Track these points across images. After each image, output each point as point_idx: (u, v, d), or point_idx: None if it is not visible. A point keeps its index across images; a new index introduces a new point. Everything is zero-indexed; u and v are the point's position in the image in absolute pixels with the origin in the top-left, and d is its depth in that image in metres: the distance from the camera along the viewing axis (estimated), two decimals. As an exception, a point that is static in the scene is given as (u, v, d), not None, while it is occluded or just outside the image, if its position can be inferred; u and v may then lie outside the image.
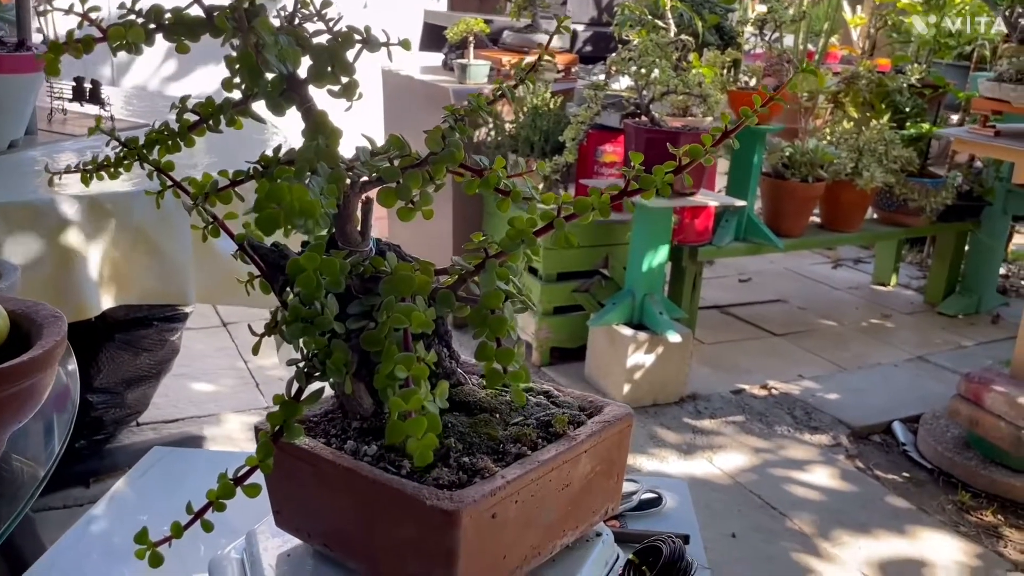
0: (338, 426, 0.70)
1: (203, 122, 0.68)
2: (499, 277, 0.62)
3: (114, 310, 1.53)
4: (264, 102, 0.63)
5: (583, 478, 0.69)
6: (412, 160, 0.67)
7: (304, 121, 0.63)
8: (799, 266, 4.04)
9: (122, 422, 2.07)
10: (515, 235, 0.61)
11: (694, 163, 0.63)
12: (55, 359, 0.79)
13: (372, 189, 0.68)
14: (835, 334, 3.24)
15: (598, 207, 0.63)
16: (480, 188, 0.66)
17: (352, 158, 0.68)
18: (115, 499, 1.02)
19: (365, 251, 0.69)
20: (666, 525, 0.93)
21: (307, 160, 0.60)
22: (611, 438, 0.70)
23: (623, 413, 0.72)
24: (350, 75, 0.62)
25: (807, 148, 2.98)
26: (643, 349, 2.45)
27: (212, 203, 0.68)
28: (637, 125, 2.40)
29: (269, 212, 0.39)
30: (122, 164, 0.74)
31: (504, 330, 0.57)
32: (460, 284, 0.63)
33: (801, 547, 1.95)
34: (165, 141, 0.71)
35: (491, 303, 0.59)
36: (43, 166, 1.38)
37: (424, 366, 0.52)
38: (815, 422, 2.52)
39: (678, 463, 2.26)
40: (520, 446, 0.66)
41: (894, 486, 2.24)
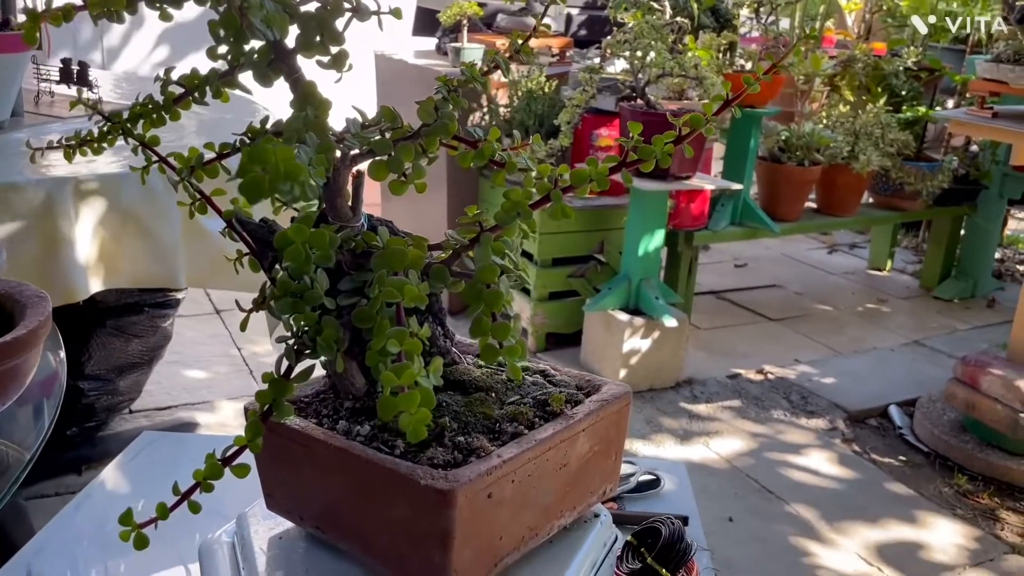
0: (330, 406, 0.69)
1: (188, 94, 0.66)
2: (494, 251, 0.60)
3: (105, 295, 1.51)
4: (251, 72, 0.61)
5: (581, 458, 0.67)
6: (404, 132, 0.65)
7: (292, 92, 0.61)
8: (795, 251, 4.03)
9: (114, 409, 2.05)
10: (510, 207, 0.59)
11: (694, 133, 0.62)
12: (39, 339, 0.77)
13: (363, 162, 0.66)
14: (831, 319, 3.23)
15: (595, 178, 0.61)
16: (474, 160, 0.64)
17: (342, 130, 0.66)
18: (105, 483, 1.00)
19: (356, 226, 0.67)
20: (665, 507, 0.92)
21: (295, 130, 0.58)
22: (609, 417, 0.69)
23: (621, 392, 0.70)
24: (340, 44, 0.60)
25: (803, 132, 2.96)
26: (639, 334, 2.43)
27: (199, 178, 0.66)
28: (633, 108, 2.38)
29: (253, 176, 0.37)
30: (106, 139, 0.72)
31: (500, 304, 0.56)
32: (454, 259, 0.61)
33: (798, 531, 1.94)
34: (150, 115, 0.69)
35: (486, 277, 0.57)
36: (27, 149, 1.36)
37: (417, 340, 0.51)
38: (811, 406, 2.52)
39: (675, 448, 2.25)
40: (516, 425, 0.64)
41: (891, 470, 2.24)
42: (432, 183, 2.89)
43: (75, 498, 0.98)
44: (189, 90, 0.66)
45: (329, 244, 0.55)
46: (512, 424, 0.64)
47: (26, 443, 0.92)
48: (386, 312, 0.53)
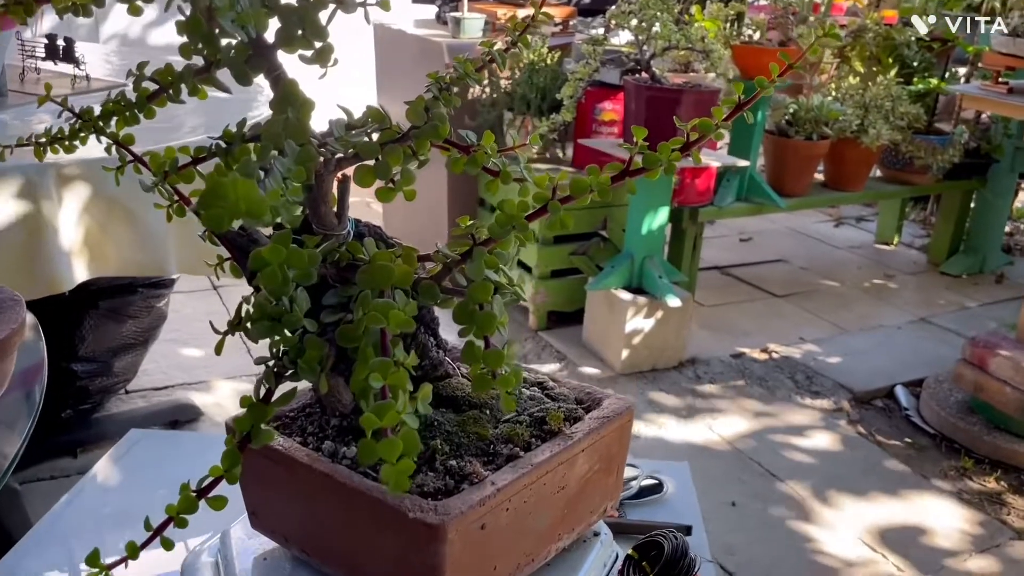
0: (316, 423, 0.65)
1: (163, 91, 0.62)
2: (488, 266, 0.56)
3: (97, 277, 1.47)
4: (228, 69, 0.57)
5: (580, 478, 0.64)
6: (392, 134, 0.61)
7: (272, 90, 0.57)
8: (801, 225, 3.98)
9: (109, 391, 2.02)
10: (505, 220, 0.55)
11: (705, 139, 0.57)
12: (12, 348, 0.73)
13: (349, 166, 0.62)
14: (837, 295, 3.19)
15: (596, 188, 0.57)
16: (467, 167, 0.60)
17: (325, 132, 0.62)
18: (92, 482, 0.97)
19: (342, 235, 0.63)
20: (667, 514, 0.89)
21: (273, 137, 0.53)
22: (611, 434, 0.65)
23: (623, 407, 0.66)
24: (323, 39, 0.56)
25: (811, 105, 2.89)
26: (642, 314, 2.40)
27: (174, 182, 0.62)
28: (637, 82, 2.32)
29: (214, 211, 0.33)
30: (77, 137, 0.67)
31: (493, 327, 0.52)
32: (445, 274, 0.57)
33: (801, 515, 1.92)
34: (123, 112, 0.65)
35: (479, 296, 0.53)
36: (11, 131, 1.31)
37: (403, 372, 0.47)
38: (816, 386, 2.48)
39: (677, 429, 2.22)
40: (512, 447, 0.61)
41: (896, 452, 2.21)
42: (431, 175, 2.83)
43: (61, 499, 0.95)
44: (164, 87, 0.62)
45: (309, 263, 0.51)
46: (507, 446, 0.61)
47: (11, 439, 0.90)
48: (370, 337, 0.49)
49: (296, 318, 0.51)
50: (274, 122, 0.55)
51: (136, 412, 2.10)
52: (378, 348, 0.49)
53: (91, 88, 1.61)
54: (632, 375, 2.46)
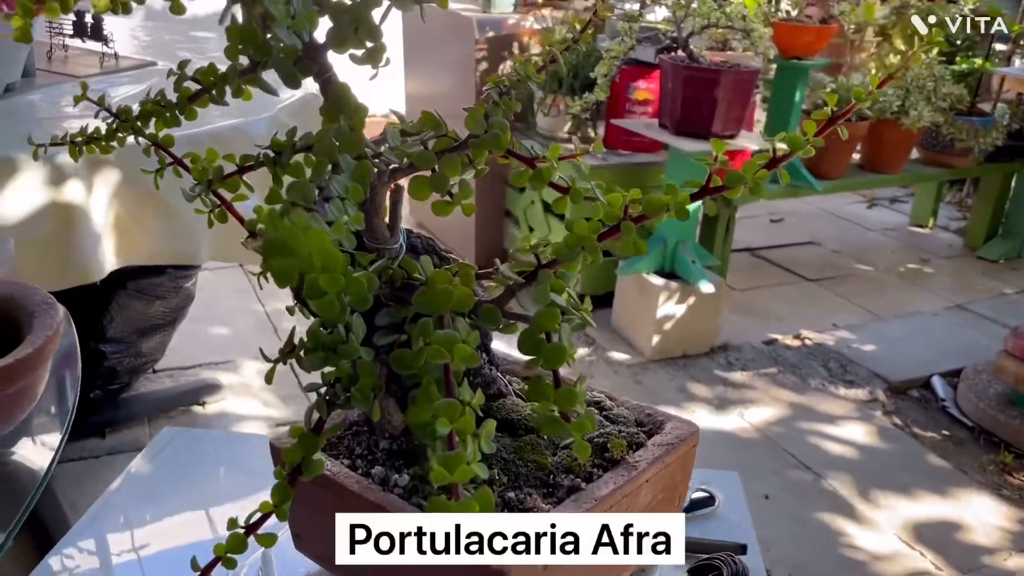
0: (364, 444, 0.62)
1: (205, 92, 0.58)
2: (554, 290, 0.52)
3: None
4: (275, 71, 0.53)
5: (642, 509, 0.60)
6: (449, 143, 0.57)
7: (322, 94, 0.53)
8: (832, 205, 3.90)
9: (137, 371, 2.01)
10: (575, 242, 0.51)
11: (788, 158, 0.53)
12: (48, 356, 0.70)
13: (403, 177, 0.58)
14: (871, 279, 3.12)
15: (674, 207, 0.53)
16: (532, 182, 0.56)
17: (377, 140, 0.58)
18: (127, 483, 0.95)
19: (394, 248, 0.59)
20: (721, 530, 0.85)
21: (327, 150, 0.49)
22: (675, 463, 0.62)
23: (688, 433, 0.63)
24: (377, 39, 0.52)
25: (851, 84, 2.81)
26: (674, 299, 2.35)
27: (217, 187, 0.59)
28: (674, 61, 2.25)
29: (283, 265, 0.30)
30: (115, 137, 0.64)
31: (563, 361, 0.48)
32: (508, 297, 0.53)
33: (835, 509, 1.89)
34: (162, 114, 0.61)
35: (547, 324, 0.49)
36: (40, 113, 1.28)
37: (471, 415, 0.43)
38: (850, 375, 2.44)
39: (708, 417, 2.19)
40: (573, 477, 0.57)
41: (933, 445, 2.16)
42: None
43: (98, 500, 0.93)
44: (206, 87, 0.58)
45: (368, 288, 0.48)
46: (568, 476, 0.57)
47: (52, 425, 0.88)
48: (433, 373, 0.46)
49: (353, 348, 0.48)
50: (326, 133, 0.51)
51: (163, 392, 2.09)
52: (441, 384, 0.46)
53: (119, 67, 1.57)
54: (662, 361, 2.42)
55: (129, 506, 0.92)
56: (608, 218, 0.53)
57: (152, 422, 2.01)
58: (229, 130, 1.28)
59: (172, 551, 0.87)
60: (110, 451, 1.90)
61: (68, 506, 1.71)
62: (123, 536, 0.89)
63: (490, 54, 2.72)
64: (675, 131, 2.24)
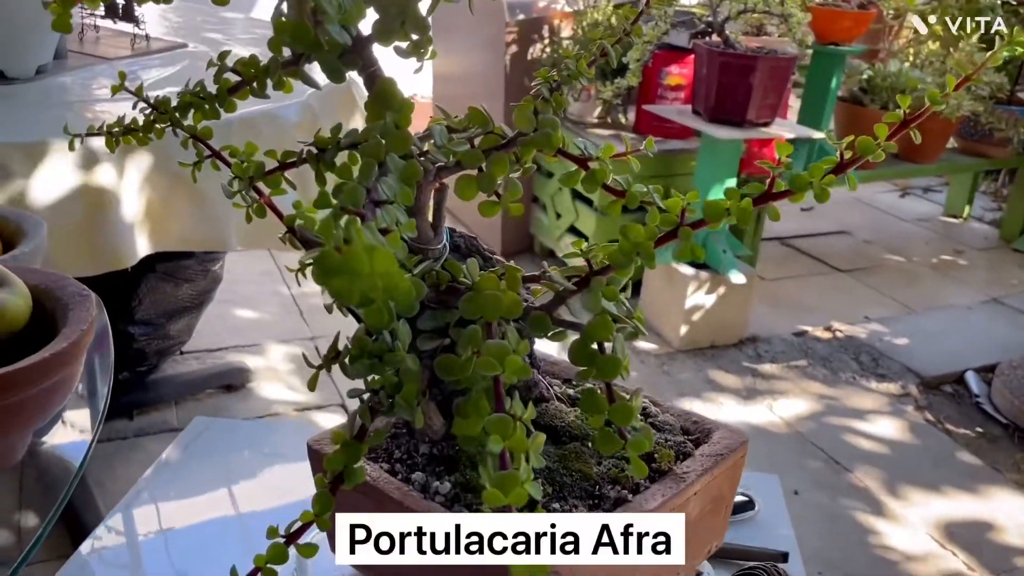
0: (404, 447, 0.61)
1: (245, 84, 0.56)
2: (607, 297, 0.50)
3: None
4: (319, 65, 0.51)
5: (691, 523, 0.58)
6: (495, 140, 0.55)
7: (367, 88, 0.51)
8: (864, 194, 3.83)
9: (165, 353, 2.01)
10: (630, 249, 0.49)
11: (861, 160, 0.50)
12: (83, 349, 0.69)
13: (449, 175, 0.56)
14: (903, 271, 3.07)
15: (735, 213, 0.51)
16: (585, 184, 0.54)
17: (422, 136, 0.56)
18: (161, 473, 0.95)
19: (438, 249, 0.57)
20: (761, 536, 0.83)
21: (374, 149, 0.47)
22: (723, 474, 0.60)
23: (736, 442, 0.61)
24: (425, 32, 0.49)
25: (889, 71, 2.75)
26: (704, 289, 2.32)
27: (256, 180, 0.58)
28: (709, 46, 2.21)
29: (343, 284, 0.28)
30: (152, 129, 0.62)
31: (617, 373, 0.46)
32: (558, 304, 0.51)
33: (866, 506, 1.86)
34: (201, 106, 0.59)
35: (600, 334, 0.47)
36: (72, 96, 1.27)
37: (523, 431, 0.41)
38: (882, 369, 2.40)
39: (737, 410, 2.16)
40: (620, 488, 0.56)
41: (966, 441, 2.12)
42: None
43: (131, 491, 0.93)
44: (246, 80, 0.56)
45: (416, 295, 0.46)
46: (614, 488, 0.56)
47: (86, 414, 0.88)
48: (483, 384, 0.44)
49: (400, 356, 0.46)
50: (372, 129, 0.49)
51: (190, 375, 2.09)
52: (490, 395, 0.44)
53: (151, 49, 1.56)
54: (690, 351, 2.39)
55: (160, 497, 0.92)
56: (665, 223, 0.50)
57: (179, 404, 2.01)
58: (260, 115, 1.27)
59: (203, 542, 0.87)
60: (138, 433, 1.91)
61: (96, 486, 1.72)
62: (154, 527, 0.89)
63: (520, 36, 2.68)
64: (708, 118, 2.20)
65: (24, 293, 0.72)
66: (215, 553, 0.86)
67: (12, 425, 0.68)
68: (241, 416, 1.99)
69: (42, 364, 0.64)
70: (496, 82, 2.70)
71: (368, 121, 0.49)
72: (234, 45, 1.79)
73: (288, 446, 1.06)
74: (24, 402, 0.65)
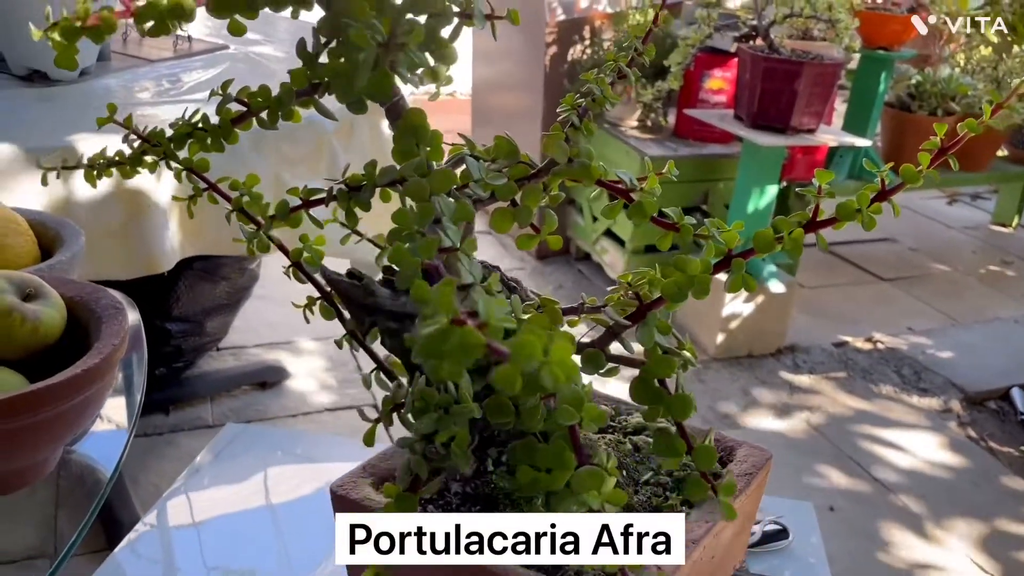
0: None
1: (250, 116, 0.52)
2: (660, 331, 0.48)
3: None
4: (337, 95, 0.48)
5: (725, 546, 0.57)
6: (525, 170, 0.53)
7: (389, 118, 0.49)
8: (911, 201, 3.75)
9: (201, 350, 2.03)
10: (685, 283, 0.47)
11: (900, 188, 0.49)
12: (115, 364, 0.69)
13: (482, 207, 0.55)
14: (949, 281, 3.00)
15: (787, 244, 0.49)
16: (633, 216, 0.52)
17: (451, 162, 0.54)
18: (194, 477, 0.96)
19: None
20: (793, 567, 0.81)
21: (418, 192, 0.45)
22: (753, 493, 0.58)
23: (763, 460, 0.59)
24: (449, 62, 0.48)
25: (938, 77, 2.68)
26: (741, 298, 2.29)
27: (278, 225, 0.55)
28: (753, 51, 2.17)
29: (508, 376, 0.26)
30: (140, 162, 0.59)
31: (689, 412, 0.44)
32: (609, 339, 0.50)
33: (904, 525, 1.81)
34: (203, 138, 0.55)
35: (661, 371, 0.45)
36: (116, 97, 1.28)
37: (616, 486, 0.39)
38: (924, 383, 2.34)
39: (772, 422, 2.12)
40: (657, 522, 0.54)
41: (1010, 461, 2.07)
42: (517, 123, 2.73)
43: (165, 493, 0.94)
44: (253, 111, 0.52)
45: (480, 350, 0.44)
46: (652, 521, 0.54)
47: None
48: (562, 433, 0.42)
49: (469, 409, 0.43)
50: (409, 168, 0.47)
51: (226, 372, 2.11)
52: (569, 445, 0.42)
53: (193, 50, 1.57)
54: (727, 360, 2.36)
55: (193, 500, 0.93)
56: (717, 253, 0.49)
57: (214, 400, 2.03)
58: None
59: (235, 547, 0.87)
60: (172, 428, 1.93)
61: (130, 481, 1.74)
62: (188, 529, 0.90)
63: (560, 37, 2.66)
64: (751, 124, 2.17)
65: (59, 305, 0.72)
66: (247, 551, 0.87)
67: (44, 440, 0.68)
68: (274, 414, 2.00)
69: (74, 380, 0.64)
70: (536, 85, 2.68)
71: (396, 154, 0.47)
72: (275, 46, 1.79)
73: (318, 452, 1.06)
74: (56, 417, 0.65)
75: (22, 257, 0.84)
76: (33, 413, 0.64)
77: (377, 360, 0.56)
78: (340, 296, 0.54)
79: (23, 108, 1.22)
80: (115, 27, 0.49)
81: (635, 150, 2.46)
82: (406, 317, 0.52)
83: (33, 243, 0.87)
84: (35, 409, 0.64)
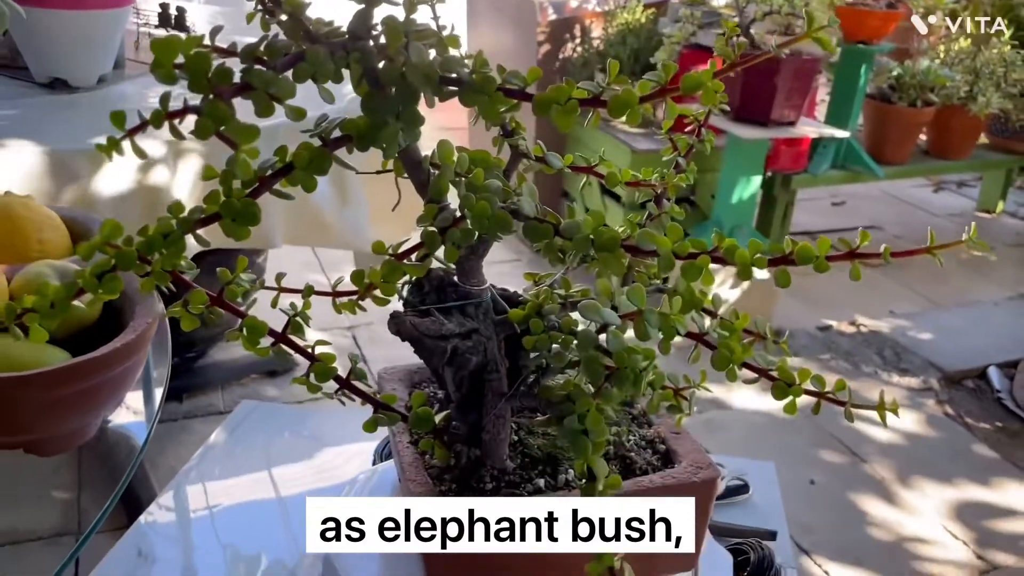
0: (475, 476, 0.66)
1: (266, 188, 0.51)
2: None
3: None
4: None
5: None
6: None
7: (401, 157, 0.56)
8: (897, 189, 3.84)
9: (213, 340, 2.14)
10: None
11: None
12: (148, 341, 0.79)
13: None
14: (932, 266, 3.07)
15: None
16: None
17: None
18: (210, 453, 1.05)
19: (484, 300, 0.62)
20: (753, 517, 0.91)
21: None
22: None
23: (710, 477, 0.66)
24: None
25: (917, 69, 2.77)
26: (728, 284, 2.38)
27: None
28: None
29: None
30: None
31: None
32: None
33: (881, 496, 1.91)
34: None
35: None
36: (129, 103, 1.37)
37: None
38: (905, 363, 2.44)
39: (756, 399, 2.22)
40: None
41: (984, 435, 2.16)
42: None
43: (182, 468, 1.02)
44: (263, 183, 0.50)
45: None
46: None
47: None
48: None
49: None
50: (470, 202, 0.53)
51: (236, 361, 2.21)
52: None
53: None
54: (714, 344, 2.45)
55: (208, 476, 1.00)
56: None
57: (225, 388, 2.13)
58: (285, 127, 1.27)
59: (249, 521, 0.94)
60: (186, 415, 2.03)
61: (148, 463, 1.84)
62: (202, 504, 0.97)
63: (552, 36, 2.75)
64: (734, 117, 2.26)
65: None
66: (258, 527, 0.94)
67: (88, 406, 0.78)
68: (282, 400, 2.10)
69: (114, 353, 0.74)
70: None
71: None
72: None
73: (327, 430, 1.14)
74: (99, 386, 0.75)
75: (59, 249, 0.94)
76: (78, 383, 0.74)
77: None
78: (417, 343, 0.60)
79: (47, 113, 1.32)
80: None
81: (624, 144, 2.55)
82: (472, 333, 0.59)
83: (67, 236, 0.97)
84: (80, 379, 0.74)
